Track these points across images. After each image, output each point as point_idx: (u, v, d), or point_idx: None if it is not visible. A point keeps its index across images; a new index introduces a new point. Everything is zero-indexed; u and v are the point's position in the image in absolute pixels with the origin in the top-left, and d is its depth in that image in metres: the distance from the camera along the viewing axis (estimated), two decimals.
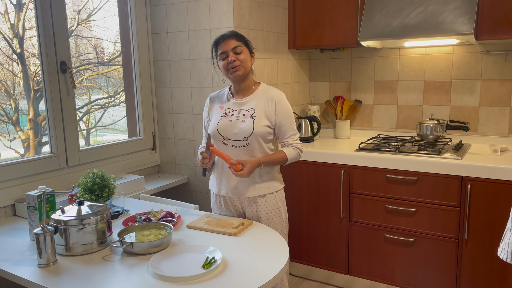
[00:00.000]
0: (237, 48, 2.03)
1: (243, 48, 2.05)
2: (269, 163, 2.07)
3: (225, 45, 2.03)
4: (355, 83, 3.46)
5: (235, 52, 2.03)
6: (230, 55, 2.02)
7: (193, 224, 2.00)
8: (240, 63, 2.03)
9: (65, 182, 2.56)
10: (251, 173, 2.00)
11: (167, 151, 3.18)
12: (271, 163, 2.08)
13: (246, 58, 2.05)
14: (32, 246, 1.85)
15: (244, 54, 2.05)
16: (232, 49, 2.02)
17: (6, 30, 2.40)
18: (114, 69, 3.07)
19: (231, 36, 2.05)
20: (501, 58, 2.91)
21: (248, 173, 1.98)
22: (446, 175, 2.52)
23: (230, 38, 2.04)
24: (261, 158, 2.05)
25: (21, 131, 2.53)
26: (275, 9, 3.11)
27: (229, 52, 2.02)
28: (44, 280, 1.55)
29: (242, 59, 2.04)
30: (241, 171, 1.96)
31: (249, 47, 2.10)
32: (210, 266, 1.56)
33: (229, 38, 2.04)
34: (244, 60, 2.04)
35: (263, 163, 2.04)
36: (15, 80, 2.50)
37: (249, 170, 1.98)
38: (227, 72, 2.07)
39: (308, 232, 3.05)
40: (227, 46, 2.03)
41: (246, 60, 2.05)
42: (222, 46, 2.04)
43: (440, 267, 2.62)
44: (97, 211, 1.78)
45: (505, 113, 2.95)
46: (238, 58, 2.03)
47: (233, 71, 2.04)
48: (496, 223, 2.42)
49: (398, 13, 2.76)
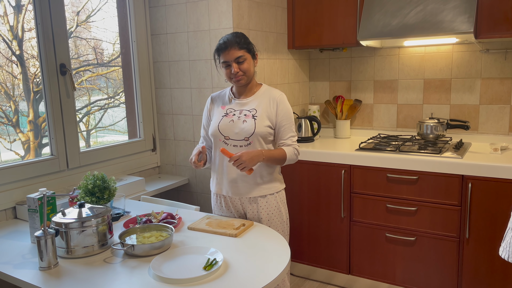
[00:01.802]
0: (240, 58, 2.01)
1: (246, 56, 2.03)
2: (270, 156, 2.04)
3: (227, 55, 2.01)
4: (355, 83, 3.46)
5: (238, 62, 2.02)
6: (233, 66, 2.01)
7: (194, 226, 1.99)
8: (243, 73, 2.03)
9: (66, 184, 2.56)
10: (253, 160, 1.95)
11: (167, 152, 3.18)
12: (272, 156, 2.05)
13: (249, 66, 2.04)
14: (33, 249, 1.85)
15: (247, 62, 2.04)
16: (235, 59, 2.01)
17: (6, 32, 2.40)
18: (114, 70, 3.06)
19: (233, 44, 2.00)
20: (501, 56, 2.91)
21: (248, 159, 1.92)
22: (446, 174, 2.52)
23: (232, 48, 2.00)
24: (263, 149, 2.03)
25: (21, 133, 2.53)
26: (274, 9, 3.10)
27: (232, 62, 2.01)
28: (46, 283, 1.54)
29: (245, 69, 2.03)
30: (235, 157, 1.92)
31: (251, 51, 2.08)
32: (211, 267, 1.56)
33: (231, 47, 2.00)
34: (247, 70, 2.04)
35: (264, 154, 2.00)
36: (15, 82, 2.49)
37: (246, 156, 1.93)
38: (229, 80, 2.08)
39: (309, 232, 3.05)
40: (229, 56, 2.01)
41: (249, 68, 2.05)
42: (224, 56, 2.02)
43: (441, 266, 2.62)
44: (98, 213, 1.78)
45: (505, 111, 2.94)
46: (241, 68, 2.02)
47: (236, 80, 2.05)
48: (497, 221, 2.42)
49: (398, 12, 2.76)
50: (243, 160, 1.93)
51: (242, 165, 1.93)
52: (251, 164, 1.96)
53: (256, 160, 1.98)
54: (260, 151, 2.00)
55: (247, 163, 1.93)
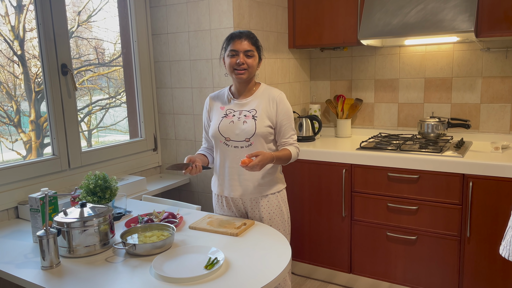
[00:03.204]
0: (249, 52, 2.04)
1: (254, 53, 2.06)
2: (279, 159, 2.05)
3: (239, 44, 2.03)
4: (356, 82, 3.46)
5: (246, 55, 2.04)
6: (240, 56, 2.03)
7: (195, 225, 2.00)
8: (247, 67, 2.04)
9: (67, 184, 2.56)
10: (263, 166, 1.94)
11: (168, 152, 3.18)
12: (281, 159, 2.06)
13: (254, 63, 2.06)
14: (35, 248, 1.86)
15: (253, 59, 2.06)
16: (244, 51, 2.03)
17: (7, 32, 2.41)
18: (115, 70, 3.07)
19: (248, 38, 2.05)
20: (502, 55, 2.90)
21: (260, 164, 1.91)
22: (447, 173, 2.52)
23: (247, 39, 2.04)
24: (274, 153, 2.03)
25: (22, 133, 2.54)
26: (275, 8, 3.11)
27: (241, 53, 2.03)
28: (48, 282, 1.55)
29: (250, 63, 2.04)
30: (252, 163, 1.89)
31: (260, 52, 2.11)
32: (212, 266, 1.56)
33: (245, 38, 2.04)
34: (252, 66, 2.05)
35: (276, 157, 2.00)
36: (16, 82, 2.50)
37: (260, 160, 1.91)
38: (232, 71, 2.07)
39: (310, 231, 3.05)
40: (241, 46, 2.03)
41: (253, 65, 2.06)
42: (235, 44, 2.04)
43: (443, 265, 2.62)
44: (100, 213, 1.79)
45: (506, 110, 2.94)
46: (247, 62, 2.03)
47: (238, 72, 2.04)
48: (498, 220, 2.42)
49: (398, 11, 2.76)
50: (256, 164, 1.91)
51: (254, 168, 1.92)
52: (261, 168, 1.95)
53: (266, 164, 1.98)
54: (272, 155, 1.99)
55: (258, 168, 1.92)
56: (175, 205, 2.38)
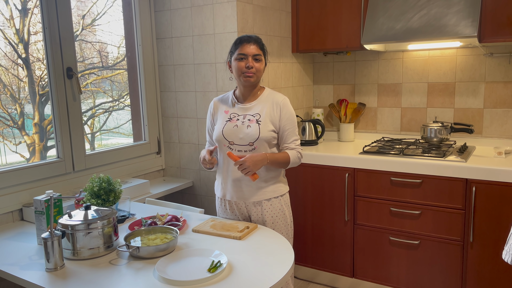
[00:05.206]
0: (258, 56, 2.06)
1: (262, 58, 2.09)
2: (275, 160, 2.06)
3: (248, 48, 2.05)
4: (359, 86, 3.47)
5: (255, 59, 2.06)
6: (249, 60, 2.04)
7: (198, 228, 2.00)
8: (255, 71, 2.06)
9: (72, 186, 2.58)
10: (257, 165, 1.98)
11: (172, 155, 3.19)
12: (276, 160, 2.07)
13: (261, 68, 2.09)
14: (40, 250, 1.86)
15: (261, 63, 2.08)
16: (253, 55, 2.05)
17: (12, 35, 2.43)
18: (118, 73, 3.09)
19: (256, 42, 2.07)
20: (505, 60, 2.91)
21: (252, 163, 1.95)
22: (450, 178, 2.52)
23: (255, 44, 2.06)
24: (268, 153, 2.05)
25: (26, 136, 2.55)
26: (279, 13, 3.12)
27: (249, 57, 2.05)
28: (52, 284, 1.56)
29: (258, 67, 2.06)
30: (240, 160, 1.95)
31: (266, 58, 2.13)
32: (215, 269, 1.57)
33: (254, 43, 2.06)
34: (259, 70, 2.07)
35: (269, 158, 2.03)
36: (20, 84, 2.52)
37: (251, 160, 1.95)
38: (239, 75, 2.08)
39: (313, 235, 3.06)
40: (250, 50, 2.05)
41: (261, 70, 2.08)
42: (244, 48, 2.05)
43: (446, 270, 2.62)
44: (104, 216, 1.80)
45: (510, 115, 2.94)
46: (255, 66, 2.05)
47: (246, 75, 2.06)
48: (501, 225, 2.42)
49: (401, 16, 2.77)
50: (248, 165, 1.95)
51: (246, 169, 1.96)
52: (255, 168, 1.98)
53: (260, 164, 2.00)
54: (265, 155, 2.02)
55: (251, 168, 1.96)
56: (178, 208, 2.39)
